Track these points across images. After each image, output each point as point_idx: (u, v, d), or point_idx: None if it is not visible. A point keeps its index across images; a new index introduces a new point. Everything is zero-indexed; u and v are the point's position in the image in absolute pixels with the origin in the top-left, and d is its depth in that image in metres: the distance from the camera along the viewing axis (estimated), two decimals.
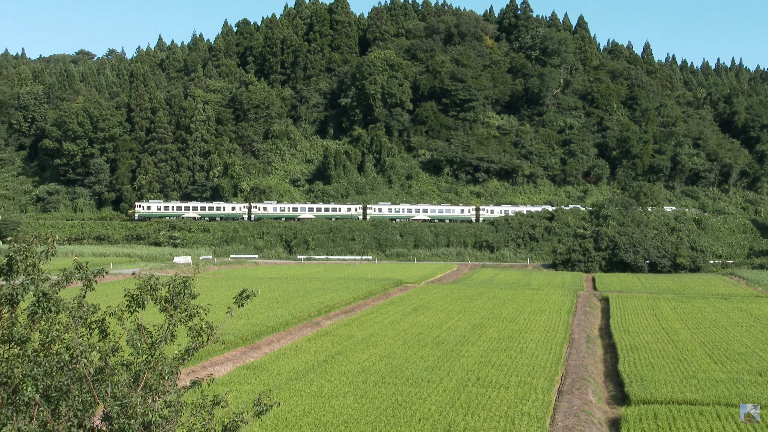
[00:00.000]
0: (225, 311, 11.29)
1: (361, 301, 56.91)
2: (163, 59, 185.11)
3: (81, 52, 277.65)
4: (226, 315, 11.21)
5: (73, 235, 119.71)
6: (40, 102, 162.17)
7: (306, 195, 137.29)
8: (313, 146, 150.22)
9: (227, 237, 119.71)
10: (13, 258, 9.45)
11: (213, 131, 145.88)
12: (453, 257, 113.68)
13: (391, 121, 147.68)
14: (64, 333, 9.99)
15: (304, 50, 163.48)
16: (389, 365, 30.82)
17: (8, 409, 9.33)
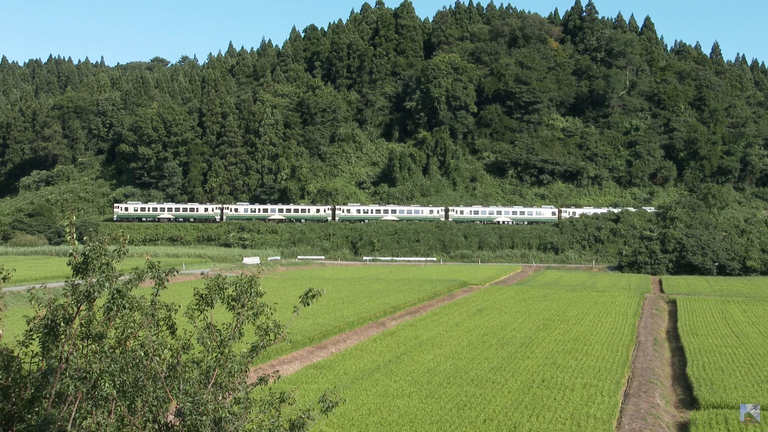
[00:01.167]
0: (292, 311, 11.28)
1: (425, 302, 57.32)
2: (233, 65, 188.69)
3: (156, 59, 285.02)
4: (293, 314, 11.26)
5: (148, 236, 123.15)
6: (117, 108, 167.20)
7: (371, 197, 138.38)
8: (378, 149, 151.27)
9: (295, 238, 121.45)
10: (89, 257, 9.61)
11: (281, 135, 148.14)
12: (517, 259, 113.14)
13: (455, 123, 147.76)
14: (138, 330, 10.20)
15: (370, 54, 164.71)
16: (454, 366, 31.07)
17: (88, 403, 9.56)
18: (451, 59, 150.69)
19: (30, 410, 9.60)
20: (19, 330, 10.60)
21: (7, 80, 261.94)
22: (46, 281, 13.58)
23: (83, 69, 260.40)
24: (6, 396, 9.51)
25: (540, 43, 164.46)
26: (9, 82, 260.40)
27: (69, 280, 9.70)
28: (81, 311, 9.59)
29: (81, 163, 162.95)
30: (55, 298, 9.90)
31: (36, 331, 9.79)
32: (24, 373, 9.72)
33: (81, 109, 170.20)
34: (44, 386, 9.51)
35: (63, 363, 9.37)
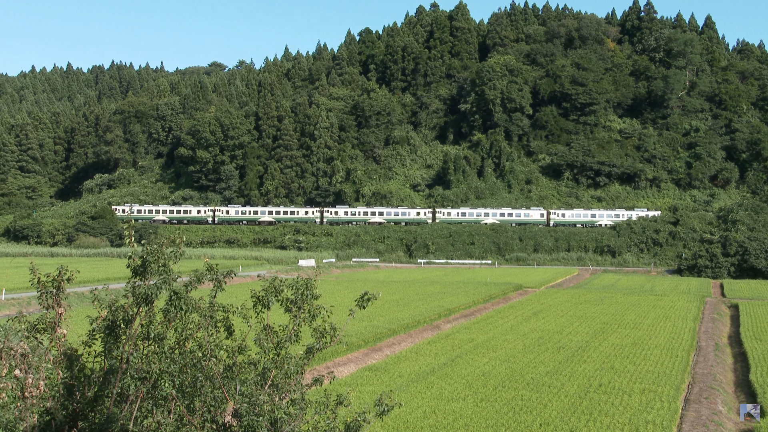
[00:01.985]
0: (348, 313, 11.33)
1: (480, 305, 57.06)
2: (289, 69, 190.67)
3: (213, 64, 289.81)
4: (348, 316, 11.30)
5: (206, 238, 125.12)
6: (176, 112, 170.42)
7: (426, 200, 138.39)
8: (433, 151, 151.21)
9: (350, 241, 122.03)
10: (147, 259, 9.73)
11: (336, 138, 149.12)
12: (573, 262, 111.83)
13: (510, 125, 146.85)
14: (197, 332, 10.28)
15: (425, 57, 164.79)
16: (509, 369, 30.90)
17: (148, 403, 9.71)
18: (506, 61, 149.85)
19: (93, 409, 9.83)
20: (83, 330, 10.85)
21: (72, 86, 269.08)
22: (108, 282, 13.94)
23: (144, 74, 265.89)
24: (70, 394, 9.77)
25: (597, 44, 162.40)
26: (74, 88, 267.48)
27: (129, 282, 9.93)
28: (140, 312, 9.76)
29: (141, 166, 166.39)
30: (116, 299, 10.14)
31: (98, 332, 10.04)
32: (87, 372, 9.97)
33: (141, 114, 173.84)
34: (106, 385, 9.73)
35: (124, 363, 9.59)
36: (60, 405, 9.70)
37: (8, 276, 63.42)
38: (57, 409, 9.63)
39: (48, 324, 10.10)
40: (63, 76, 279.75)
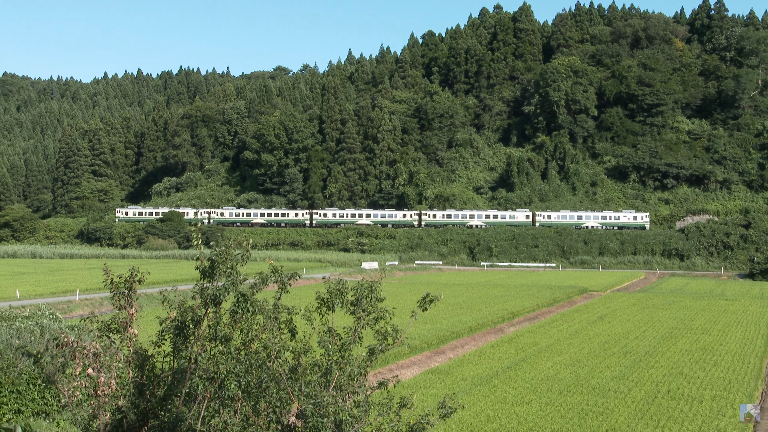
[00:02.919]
0: (410, 316, 11.38)
1: (544, 308, 56.47)
2: (352, 72, 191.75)
3: (278, 68, 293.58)
4: (411, 319, 11.38)
5: (270, 241, 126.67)
6: (241, 116, 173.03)
7: (489, 202, 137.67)
8: (496, 154, 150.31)
9: (412, 243, 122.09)
10: (215, 261, 9.91)
11: (399, 140, 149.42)
12: (640, 265, 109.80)
13: (575, 127, 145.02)
14: (262, 333, 10.45)
15: (488, 59, 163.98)
16: (574, 374, 30.54)
17: (215, 403, 9.96)
18: (571, 62, 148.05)
19: (163, 408, 10.05)
20: (153, 330, 11.11)
21: (141, 92, 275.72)
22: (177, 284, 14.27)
23: (210, 79, 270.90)
24: (141, 393, 10.01)
25: (664, 44, 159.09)
26: (143, 93, 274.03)
27: (197, 284, 10.09)
28: (208, 314, 9.95)
29: (208, 170, 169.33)
30: (184, 300, 10.33)
31: (167, 332, 10.25)
32: (157, 372, 10.19)
33: (208, 118, 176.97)
34: (176, 385, 9.93)
35: (192, 363, 9.77)
36: (131, 403, 9.94)
37: (82, 277, 65.24)
38: (128, 408, 9.87)
39: (120, 324, 10.37)
40: (133, 82, 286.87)
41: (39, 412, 16.89)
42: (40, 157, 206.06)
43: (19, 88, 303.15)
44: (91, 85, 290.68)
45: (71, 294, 53.72)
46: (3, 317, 25.72)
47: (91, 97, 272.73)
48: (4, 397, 16.25)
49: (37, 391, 17.17)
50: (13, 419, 15.94)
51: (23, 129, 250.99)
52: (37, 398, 17.10)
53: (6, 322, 23.82)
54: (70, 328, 22.51)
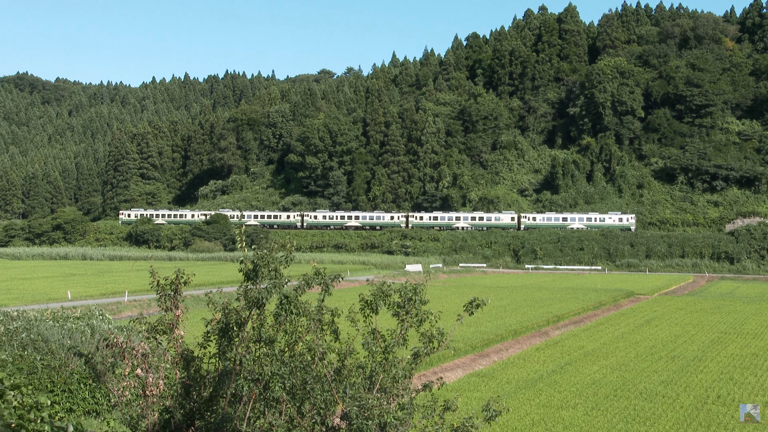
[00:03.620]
0: (455, 318, 11.35)
1: (590, 311, 55.88)
2: (396, 75, 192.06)
3: (323, 71, 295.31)
4: (456, 322, 11.37)
5: (314, 243, 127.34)
6: (286, 119, 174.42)
7: (534, 205, 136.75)
8: (540, 156, 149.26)
9: (456, 246, 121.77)
10: (258, 264, 9.98)
11: (443, 143, 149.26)
12: (688, 268, 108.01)
13: (621, 129, 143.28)
14: (306, 335, 10.53)
15: (533, 61, 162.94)
16: (621, 378, 30.18)
17: (260, 404, 10.01)
18: (617, 63, 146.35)
19: (209, 408, 10.17)
20: (198, 332, 11.25)
21: (188, 96, 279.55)
22: (222, 286, 14.44)
23: (256, 83, 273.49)
24: (188, 394, 10.15)
25: (714, 44, 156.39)
26: (190, 97, 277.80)
27: (241, 286, 10.20)
28: (252, 316, 10.02)
29: (253, 173, 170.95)
30: (229, 302, 10.46)
31: (213, 334, 10.37)
32: (203, 373, 10.33)
33: (253, 121, 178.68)
34: (221, 386, 10.03)
35: (237, 365, 9.87)
36: (178, 404, 10.09)
37: (130, 278, 66.32)
38: (175, 408, 10.02)
39: (167, 325, 10.52)
40: (181, 86, 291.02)
41: (90, 411, 17.24)
42: (90, 160, 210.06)
43: (71, 93, 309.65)
44: (140, 89, 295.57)
45: (120, 295, 54.66)
46: (55, 318, 26.30)
47: (139, 101, 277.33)
48: (56, 396, 16.62)
49: (88, 391, 17.52)
50: (65, 418, 16.30)
51: (75, 133, 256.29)
52: (88, 397, 17.45)
53: (58, 323, 24.35)
54: (119, 329, 22.92)
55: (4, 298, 51.00)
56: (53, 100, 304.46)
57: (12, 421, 7.73)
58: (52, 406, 16.11)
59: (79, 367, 18.21)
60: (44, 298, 51.27)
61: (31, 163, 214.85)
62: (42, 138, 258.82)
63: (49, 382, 16.95)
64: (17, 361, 17.66)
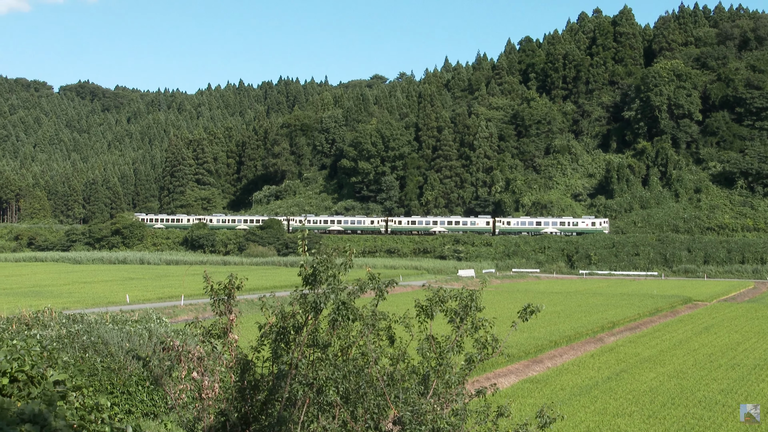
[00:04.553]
0: (508, 324, 11.27)
1: (646, 318, 54.98)
2: (448, 79, 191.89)
3: (375, 76, 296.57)
4: (511, 329, 11.27)
5: (367, 248, 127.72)
6: (339, 125, 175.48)
7: (588, 209, 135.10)
8: (595, 160, 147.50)
9: (509, 251, 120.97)
10: (317, 269, 9.94)
11: (495, 147, 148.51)
12: (749, 274, 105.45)
13: (678, 132, 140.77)
14: (360, 339, 10.49)
15: (587, 64, 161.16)
16: (679, 386, 29.65)
17: (314, 408, 10.04)
18: (674, 66, 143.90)
19: (263, 412, 10.26)
20: (252, 336, 11.38)
21: (243, 102, 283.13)
22: (275, 290, 14.62)
23: (309, 89, 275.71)
24: (243, 397, 10.26)
25: None
26: (245, 103, 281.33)
27: (297, 290, 10.29)
28: (309, 320, 10.06)
29: (306, 178, 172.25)
30: (282, 307, 10.56)
31: (267, 337, 10.48)
32: (257, 377, 10.45)
33: (306, 127, 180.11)
34: (276, 390, 10.13)
35: (293, 369, 9.96)
36: (233, 407, 10.21)
37: (186, 283, 67.43)
38: (231, 411, 10.14)
39: (221, 329, 10.66)
40: (235, 93, 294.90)
41: (148, 413, 17.56)
42: (147, 166, 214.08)
43: (129, 100, 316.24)
44: (196, 96, 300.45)
45: (176, 299, 55.59)
46: (115, 321, 26.87)
47: (195, 107, 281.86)
48: (116, 398, 16.98)
49: (146, 393, 17.85)
50: (124, 419, 16.63)
51: (133, 140, 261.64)
52: (146, 399, 17.78)
53: (117, 326, 24.87)
54: (175, 333, 23.29)
55: (66, 301, 52.30)
56: (113, 107, 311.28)
57: (74, 421, 7.92)
58: (112, 407, 16.40)
59: (138, 369, 18.56)
60: (104, 302, 52.42)
61: (91, 169, 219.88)
62: (102, 144, 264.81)
63: (108, 384, 17.33)
64: (79, 363, 18.09)
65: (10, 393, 8.02)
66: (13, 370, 8.09)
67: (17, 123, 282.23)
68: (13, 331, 22.89)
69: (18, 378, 8.14)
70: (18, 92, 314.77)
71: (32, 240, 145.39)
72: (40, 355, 9.04)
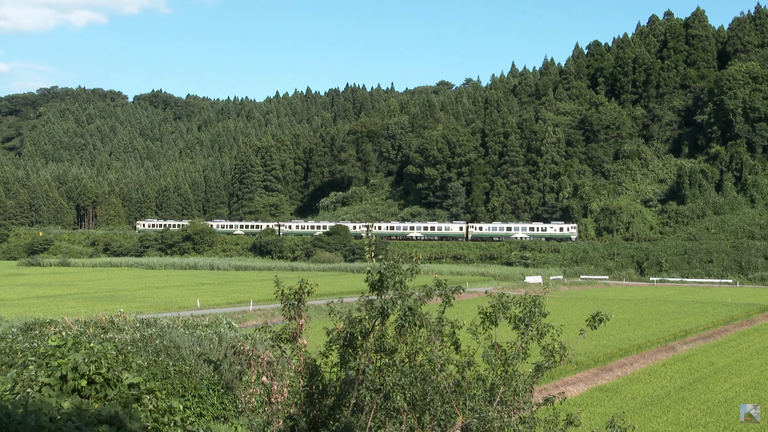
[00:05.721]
0: (576, 331, 11.16)
1: (720, 326, 53.54)
2: (515, 85, 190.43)
3: (441, 82, 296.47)
4: (579, 337, 11.15)
5: (433, 254, 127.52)
6: (405, 131, 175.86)
7: (658, 216, 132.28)
8: (666, 165, 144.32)
9: (577, 258, 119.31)
10: (384, 275, 9.89)
11: (563, 153, 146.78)
12: None
13: (753, 136, 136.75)
14: (426, 346, 10.45)
15: (657, 68, 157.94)
16: (756, 397, 28.81)
17: (382, 414, 10.01)
18: (750, 68, 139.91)
19: (331, 417, 10.33)
20: (320, 341, 11.49)
21: (310, 109, 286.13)
22: (343, 296, 14.78)
23: (375, 95, 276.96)
24: (311, 402, 10.36)
25: None
26: (312, 110, 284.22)
27: (364, 296, 10.35)
28: (376, 326, 10.06)
29: (372, 184, 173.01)
30: (350, 312, 10.63)
31: (335, 343, 10.57)
32: (326, 382, 10.55)
33: (373, 134, 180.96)
34: (344, 395, 10.20)
35: (360, 374, 10.02)
36: (302, 412, 10.31)
37: (255, 288, 68.42)
38: (299, 416, 10.25)
39: (290, 334, 10.79)
40: (303, 100, 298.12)
41: (218, 416, 17.88)
42: (217, 173, 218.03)
43: (200, 108, 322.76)
44: (264, 104, 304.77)
45: (245, 304, 56.44)
46: (186, 325, 27.44)
47: (263, 115, 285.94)
48: (188, 401, 17.33)
49: (217, 396, 18.18)
50: (195, 422, 16.96)
51: (203, 147, 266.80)
52: (216, 403, 18.11)
53: (188, 330, 25.39)
54: (245, 337, 23.68)
55: (140, 305, 53.64)
56: (184, 116, 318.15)
57: (148, 423, 8.13)
58: (184, 410, 16.73)
59: (208, 373, 18.92)
60: (175, 306, 53.58)
61: (163, 176, 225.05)
62: (173, 152, 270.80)
63: (181, 387, 17.70)
64: (152, 366, 18.53)
65: (88, 394, 8.27)
66: (90, 372, 8.35)
67: (94, 132, 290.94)
68: (90, 334, 23.59)
69: (95, 380, 8.40)
70: (95, 102, 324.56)
71: (108, 245, 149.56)
72: (116, 358, 9.30)
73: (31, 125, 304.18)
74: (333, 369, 10.65)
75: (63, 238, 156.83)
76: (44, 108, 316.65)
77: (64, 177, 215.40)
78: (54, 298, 60.97)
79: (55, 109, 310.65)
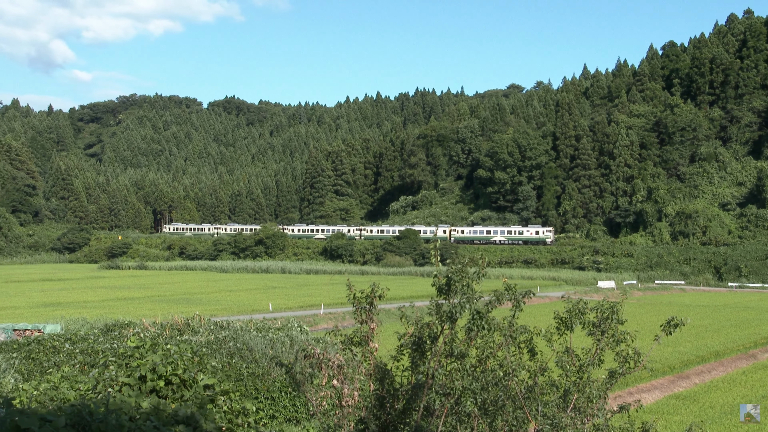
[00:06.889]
0: (651, 337, 11.07)
1: None
2: (587, 87, 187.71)
3: (511, 86, 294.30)
4: (654, 343, 11.06)
5: (504, 258, 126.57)
6: (475, 135, 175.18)
7: (737, 219, 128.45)
8: (745, 168, 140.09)
9: (651, 262, 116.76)
10: (452, 278, 9.84)
11: (636, 156, 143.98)
12: None
13: None
14: (497, 351, 10.42)
15: (736, 68, 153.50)
16: None
17: (452, 419, 10.03)
18: None
19: (402, 421, 10.37)
20: (391, 345, 11.53)
21: (380, 113, 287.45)
22: (413, 300, 14.80)
23: (445, 99, 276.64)
24: (382, 406, 10.42)
25: None
26: (382, 115, 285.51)
27: (433, 300, 10.37)
28: (444, 330, 10.03)
29: (442, 188, 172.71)
30: (421, 317, 10.65)
31: (405, 347, 10.61)
32: (396, 386, 10.59)
33: (442, 137, 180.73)
34: (414, 399, 10.22)
35: (430, 379, 10.04)
36: (372, 415, 10.37)
37: (326, 292, 69.03)
38: (370, 419, 10.32)
39: (362, 338, 10.87)
40: (373, 105, 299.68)
41: (290, 418, 18.11)
42: (289, 178, 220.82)
43: (272, 114, 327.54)
44: (335, 108, 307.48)
45: (316, 308, 56.97)
46: (258, 328, 27.88)
47: (334, 120, 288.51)
48: (260, 403, 17.61)
49: (288, 399, 18.42)
50: (268, 424, 17.23)
51: (275, 152, 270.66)
52: (288, 405, 18.35)
53: (261, 333, 25.80)
54: (316, 341, 23.91)
55: (214, 308, 54.68)
56: (256, 121, 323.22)
57: (222, 424, 8.31)
58: (257, 412, 17.05)
59: (280, 375, 19.17)
60: (248, 310, 54.43)
61: (236, 181, 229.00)
62: (246, 157, 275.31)
63: (253, 389, 17.99)
64: (226, 368, 18.89)
65: (165, 395, 8.50)
66: (168, 374, 8.58)
67: (170, 138, 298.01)
68: (167, 336, 24.19)
69: (172, 381, 8.62)
70: (171, 109, 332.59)
71: (183, 249, 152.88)
72: (192, 359, 9.52)
73: (111, 132, 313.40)
74: (404, 373, 10.68)
75: (141, 241, 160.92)
76: (123, 115, 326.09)
77: (142, 182, 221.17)
78: (132, 301, 62.65)
79: (134, 116, 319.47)
